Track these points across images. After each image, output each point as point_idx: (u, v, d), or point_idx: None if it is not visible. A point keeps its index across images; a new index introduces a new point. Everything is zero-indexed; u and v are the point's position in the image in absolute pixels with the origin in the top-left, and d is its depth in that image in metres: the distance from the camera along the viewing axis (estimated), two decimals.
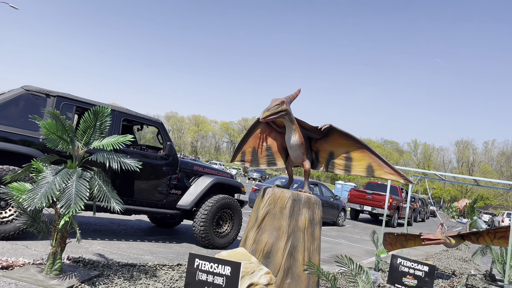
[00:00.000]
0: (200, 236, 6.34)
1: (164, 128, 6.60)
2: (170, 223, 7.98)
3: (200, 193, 6.53)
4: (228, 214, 6.82)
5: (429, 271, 5.88)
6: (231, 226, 6.86)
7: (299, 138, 4.28)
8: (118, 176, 5.76)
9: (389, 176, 4.10)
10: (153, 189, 6.17)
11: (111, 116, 5.71)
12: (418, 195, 62.27)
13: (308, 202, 4.26)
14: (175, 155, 6.49)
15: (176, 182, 6.47)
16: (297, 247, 4.12)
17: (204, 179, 6.74)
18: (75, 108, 5.63)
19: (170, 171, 6.39)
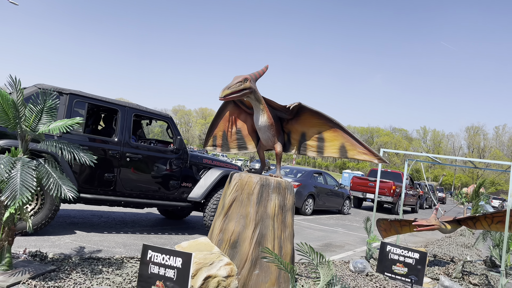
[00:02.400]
0: (210, 227, 6.37)
1: (173, 122, 6.70)
2: (179, 215, 8.14)
3: (210, 185, 6.60)
4: None
5: (420, 258, 5.56)
6: None
7: (268, 119, 3.98)
8: (128, 170, 5.91)
9: (363, 157, 3.79)
10: (165, 183, 6.32)
11: (122, 112, 5.95)
12: (428, 181, 61.55)
13: (278, 187, 3.96)
14: (185, 148, 6.61)
15: (187, 175, 6.59)
16: (266, 236, 3.84)
17: (213, 172, 6.81)
18: (87, 105, 5.74)
19: (180, 164, 6.51)
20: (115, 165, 5.78)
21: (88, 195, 5.53)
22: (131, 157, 5.91)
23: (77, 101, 5.56)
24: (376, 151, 6.70)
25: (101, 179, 5.67)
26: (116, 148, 5.80)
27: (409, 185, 20.46)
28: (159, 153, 6.30)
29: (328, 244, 7.83)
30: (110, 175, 5.73)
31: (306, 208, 12.27)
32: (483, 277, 6.51)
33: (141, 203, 6.08)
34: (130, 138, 5.96)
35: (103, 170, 5.68)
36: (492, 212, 6.31)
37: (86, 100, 5.66)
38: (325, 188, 13.22)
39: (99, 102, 5.79)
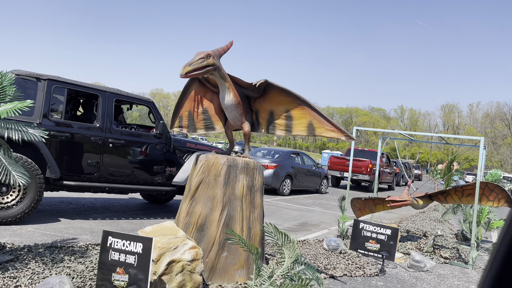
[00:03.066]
0: None
1: (155, 107, 6.68)
2: (162, 199, 8.10)
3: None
4: None
5: (391, 234, 5.60)
6: None
7: (234, 97, 3.83)
8: (112, 156, 5.88)
9: (330, 134, 3.71)
10: (149, 168, 6.31)
11: (103, 97, 5.88)
12: (405, 159, 62.83)
13: (246, 168, 3.85)
14: (168, 133, 6.58)
15: (170, 160, 6.59)
16: (234, 217, 3.74)
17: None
18: (66, 91, 5.62)
19: (164, 149, 6.51)
20: (98, 151, 5.76)
21: (71, 182, 5.52)
22: (114, 143, 5.89)
23: (56, 86, 5.42)
24: (352, 130, 6.68)
25: (84, 166, 5.63)
26: (98, 134, 5.75)
27: (386, 163, 20.76)
28: (142, 138, 6.28)
29: (304, 223, 7.84)
30: (93, 161, 5.71)
31: (284, 189, 12.28)
32: (454, 251, 6.65)
33: (125, 188, 6.06)
34: (112, 124, 5.94)
35: (86, 156, 5.64)
36: (462, 185, 6.39)
37: (65, 85, 5.52)
38: (302, 168, 13.24)
39: (79, 88, 5.67)
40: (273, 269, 2.77)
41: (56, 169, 5.29)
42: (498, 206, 6.19)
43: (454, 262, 5.83)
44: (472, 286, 4.83)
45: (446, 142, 7.51)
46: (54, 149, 5.32)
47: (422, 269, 5.22)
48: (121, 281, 2.91)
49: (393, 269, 5.16)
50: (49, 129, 5.15)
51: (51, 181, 5.38)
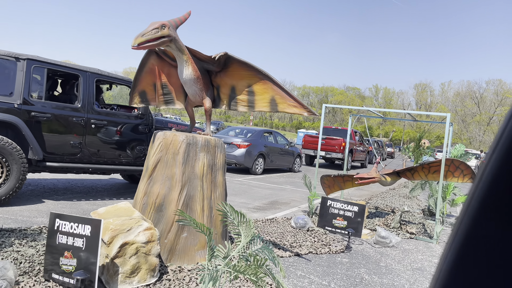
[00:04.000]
0: None
1: None
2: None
3: None
4: None
5: (358, 211, 5.61)
6: None
7: (193, 71, 3.64)
8: (94, 137, 5.86)
9: (293, 110, 3.58)
10: (131, 148, 6.33)
11: (84, 77, 5.78)
12: (379, 138, 63.94)
13: (206, 146, 3.70)
14: (150, 113, 6.57)
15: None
16: (194, 197, 3.61)
17: None
18: (46, 71, 5.47)
19: (146, 129, 6.51)
20: (80, 132, 5.74)
21: (54, 164, 5.50)
22: (96, 124, 5.89)
23: (36, 66, 5.32)
24: (329, 109, 6.59)
25: (67, 147, 5.61)
26: (80, 115, 5.71)
27: (359, 141, 21.01)
28: (125, 118, 6.26)
29: (274, 201, 7.81)
30: (76, 142, 5.68)
31: (257, 168, 12.22)
32: (420, 226, 6.77)
33: (108, 169, 6.08)
34: (94, 104, 5.88)
35: (68, 137, 5.61)
36: (428, 162, 6.46)
37: (45, 65, 5.42)
38: (275, 147, 13.18)
39: (59, 68, 5.59)
40: (229, 249, 2.66)
41: (38, 150, 5.28)
42: (463, 182, 6.30)
43: (420, 237, 5.93)
44: (435, 260, 4.91)
45: (415, 119, 7.55)
46: (35, 130, 5.30)
47: (388, 244, 5.27)
48: (69, 266, 2.75)
49: (359, 246, 5.18)
50: (30, 110, 5.19)
51: (34, 163, 5.38)
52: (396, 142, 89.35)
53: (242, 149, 11.70)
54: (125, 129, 6.22)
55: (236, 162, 11.69)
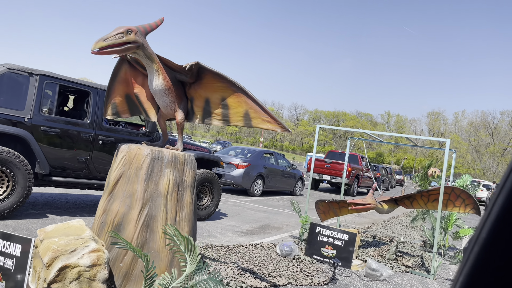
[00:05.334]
0: None
1: None
2: None
3: None
4: (208, 188, 7.04)
5: (349, 239, 5.22)
6: (210, 199, 7.08)
7: (164, 81, 3.40)
8: (101, 153, 5.91)
9: (267, 125, 3.30)
10: None
11: (94, 94, 5.85)
12: (389, 165, 62.97)
13: (173, 161, 3.41)
14: (157, 131, 6.59)
15: None
16: (156, 217, 3.30)
17: None
18: (58, 86, 5.54)
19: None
20: (88, 148, 5.77)
21: (60, 178, 5.52)
22: (104, 140, 5.94)
23: (48, 82, 5.39)
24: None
25: (74, 162, 5.65)
26: (88, 131, 5.78)
27: (366, 167, 20.54)
28: (132, 136, 6.30)
29: (265, 225, 7.43)
30: (83, 158, 5.71)
31: (255, 189, 11.86)
32: (418, 259, 6.30)
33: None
34: (102, 121, 5.92)
35: (76, 153, 5.67)
36: (427, 190, 6.06)
37: (58, 81, 5.50)
38: (276, 169, 12.83)
39: (71, 84, 5.67)
40: (172, 279, 2.33)
41: (45, 164, 5.31)
42: (465, 212, 5.87)
43: (415, 271, 5.47)
44: None
45: (416, 145, 7.18)
46: (44, 145, 5.33)
47: (378, 278, 4.85)
48: None
49: (347, 278, 4.77)
50: (40, 124, 5.27)
51: (40, 177, 5.41)
52: (407, 170, 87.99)
53: (241, 170, 11.38)
54: None
55: (233, 183, 11.36)
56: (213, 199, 7.11)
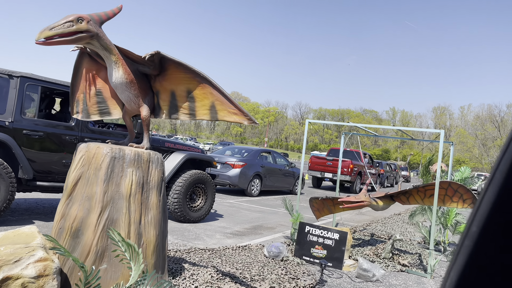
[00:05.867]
0: (174, 211, 6.41)
1: None
2: None
3: (173, 169, 6.51)
4: (201, 189, 6.88)
5: (340, 239, 4.95)
6: (204, 200, 6.93)
7: (125, 74, 3.15)
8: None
9: (233, 118, 3.04)
10: None
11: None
12: (395, 161, 62.28)
13: (137, 160, 3.16)
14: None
15: None
16: (118, 221, 3.05)
17: (176, 155, 6.73)
18: (40, 88, 5.43)
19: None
20: (73, 151, 5.62)
21: (45, 183, 5.36)
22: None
23: (29, 84, 5.22)
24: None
25: (59, 166, 5.49)
26: (73, 133, 5.61)
27: (369, 164, 20.21)
28: (119, 137, 6.11)
29: (258, 226, 7.16)
30: (68, 161, 5.49)
31: (253, 189, 11.59)
32: (416, 257, 6.00)
33: None
34: (88, 123, 5.72)
35: (61, 156, 5.50)
36: (424, 184, 5.76)
37: (39, 83, 5.33)
38: (274, 168, 12.55)
39: (53, 85, 5.49)
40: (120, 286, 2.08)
41: (28, 169, 5.16)
42: (464, 207, 5.57)
43: (411, 270, 5.17)
44: None
45: (411, 138, 6.87)
46: (27, 149, 5.15)
47: (371, 278, 4.56)
48: None
49: (337, 280, 4.49)
50: (22, 128, 5.11)
51: (24, 182, 5.26)
52: (414, 166, 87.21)
53: (237, 169, 11.12)
54: None
55: (230, 183, 11.10)
56: (206, 200, 6.93)
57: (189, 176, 6.55)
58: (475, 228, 0.43)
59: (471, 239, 0.43)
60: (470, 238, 0.43)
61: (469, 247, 0.43)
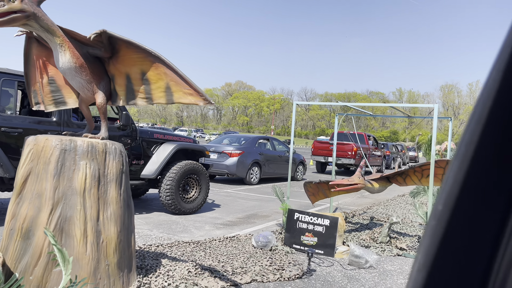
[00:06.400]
0: (167, 203, 6.26)
1: None
2: (136, 193, 7.74)
3: (163, 161, 6.37)
4: (194, 180, 6.71)
5: (330, 224, 4.68)
6: (198, 191, 6.75)
7: (73, 58, 2.87)
8: None
9: (189, 99, 2.76)
10: None
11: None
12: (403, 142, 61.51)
13: (90, 152, 2.89)
14: (133, 124, 6.24)
15: (137, 152, 6.30)
16: (72, 219, 2.80)
17: (166, 146, 6.57)
18: (17, 83, 5.21)
19: (129, 141, 6.15)
20: None
21: None
22: None
23: (5, 79, 5.04)
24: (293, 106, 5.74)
25: None
26: (56, 129, 5.35)
27: (373, 146, 19.85)
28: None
29: (252, 215, 6.91)
30: None
31: (252, 177, 11.34)
32: (415, 239, 5.71)
33: None
34: (70, 117, 5.55)
35: None
36: (420, 164, 5.44)
37: (16, 78, 5.13)
38: (273, 155, 12.27)
39: None
40: None
41: (9, 168, 4.96)
42: None
43: (409, 254, 4.89)
44: None
45: (408, 116, 6.52)
46: (6, 147, 4.95)
47: (363, 265, 4.29)
48: None
49: (327, 268, 4.22)
50: (0, 125, 4.93)
51: (6, 181, 5.09)
52: (422, 146, 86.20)
53: (234, 158, 10.86)
54: None
55: (228, 172, 10.85)
56: (201, 191, 6.76)
57: (180, 167, 6.38)
58: (441, 207, 0.42)
59: (437, 218, 0.42)
60: (436, 217, 0.42)
61: (434, 227, 0.42)
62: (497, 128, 0.38)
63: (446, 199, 0.41)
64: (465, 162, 0.40)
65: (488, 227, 0.39)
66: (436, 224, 0.41)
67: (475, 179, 0.39)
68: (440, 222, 0.41)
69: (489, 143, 0.39)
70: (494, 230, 0.39)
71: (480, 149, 0.39)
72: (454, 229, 0.40)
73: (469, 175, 0.39)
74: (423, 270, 0.42)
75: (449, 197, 0.41)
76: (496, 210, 0.39)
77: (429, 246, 0.41)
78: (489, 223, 0.39)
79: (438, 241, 0.41)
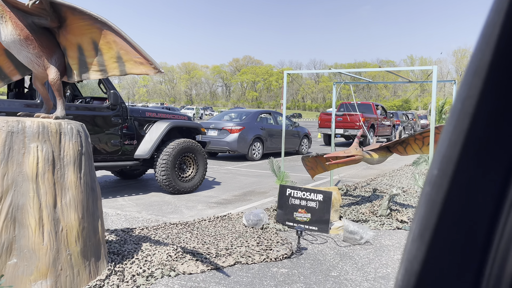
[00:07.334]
0: (163, 183, 6.12)
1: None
2: (134, 174, 7.71)
3: (156, 140, 6.19)
4: (191, 158, 6.54)
5: (324, 199, 4.41)
6: (195, 169, 6.59)
7: (16, 29, 2.59)
8: None
9: (140, 69, 2.46)
10: (105, 143, 5.82)
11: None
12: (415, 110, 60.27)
13: (41, 133, 2.63)
14: (123, 103, 6.07)
15: (129, 132, 6.12)
16: (25, 207, 2.57)
17: (159, 125, 6.37)
18: None
19: (119, 121, 5.97)
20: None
21: None
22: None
23: None
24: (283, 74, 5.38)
25: None
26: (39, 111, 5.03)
27: (382, 115, 19.33)
28: (93, 111, 5.71)
29: (249, 192, 6.68)
30: None
31: (254, 153, 11.08)
32: None
33: None
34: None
35: None
36: (421, 131, 5.09)
37: None
38: (276, 129, 11.94)
39: None
40: None
41: None
42: None
43: (408, 227, 4.60)
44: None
45: (409, 81, 6.11)
46: None
47: (359, 241, 4.03)
48: None
49: (319, 246, 3.97)
50: None
51: None
52: None
53: (234, 134, 10.59)
54: (94, 123, 5.62)
55: (229, 149, 10.61)
56: (198, 169, 6.57)
57: (175, 146, 6.21)
58: (436, 171, 0.39)
59: (432, 184, 0.39)
60: (431, 183, 0.39)
61: (429, 193, 0.39)
62: (499, 80, 0.35)
63: (442, 162, 0.39)
64: (461, 120, 0.37)
65: (488, 191, 0.36)
66: (431, 190, 0.39)
67: (473, 138, 0.37)
68: (435, 188, 0.39)
69: (488, 97, 0.36)
70: (495, 194, 0.36)
71: (479, 105, 0.36)
72: (451, 195, 0.38)
73: (466, 134, 0.37)
74: (418, 240, 0.39)
75: (444, 160, 0.39)
76: (497, 172, 0.36)
77: (424, 214, 0.39)
78: (489, 187, 0.36)
79: (434, 209, 0.39)
